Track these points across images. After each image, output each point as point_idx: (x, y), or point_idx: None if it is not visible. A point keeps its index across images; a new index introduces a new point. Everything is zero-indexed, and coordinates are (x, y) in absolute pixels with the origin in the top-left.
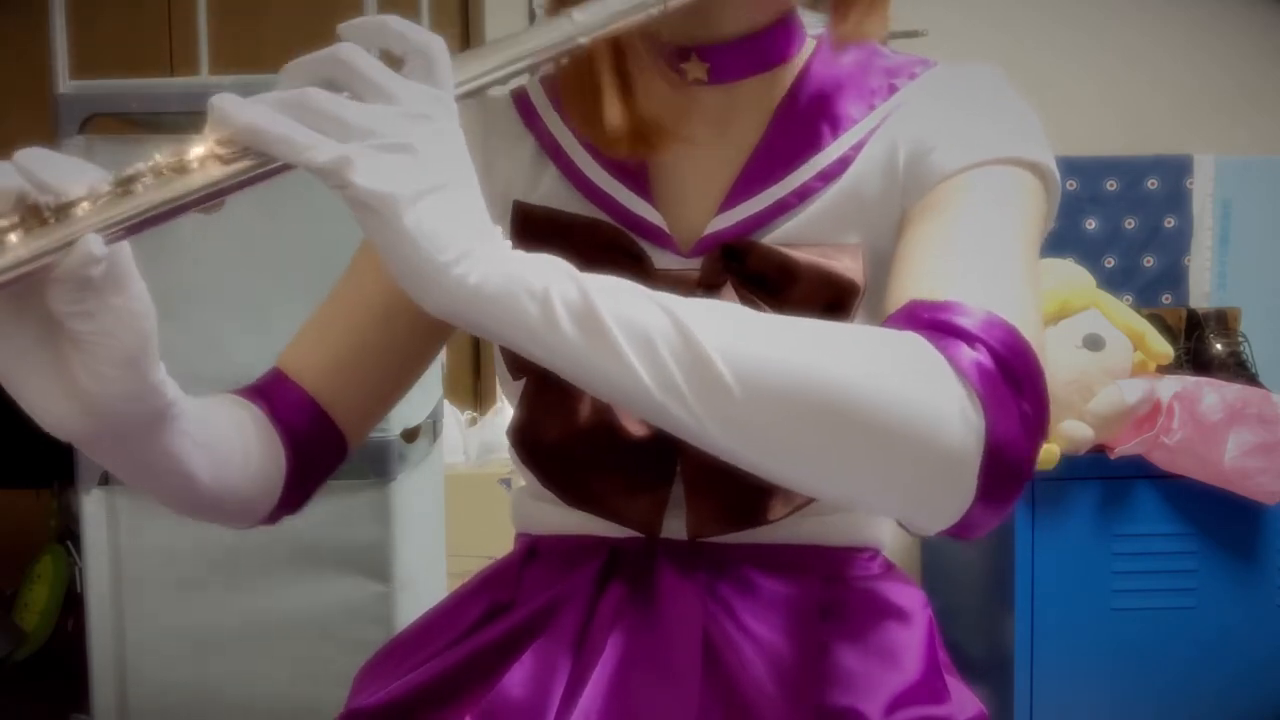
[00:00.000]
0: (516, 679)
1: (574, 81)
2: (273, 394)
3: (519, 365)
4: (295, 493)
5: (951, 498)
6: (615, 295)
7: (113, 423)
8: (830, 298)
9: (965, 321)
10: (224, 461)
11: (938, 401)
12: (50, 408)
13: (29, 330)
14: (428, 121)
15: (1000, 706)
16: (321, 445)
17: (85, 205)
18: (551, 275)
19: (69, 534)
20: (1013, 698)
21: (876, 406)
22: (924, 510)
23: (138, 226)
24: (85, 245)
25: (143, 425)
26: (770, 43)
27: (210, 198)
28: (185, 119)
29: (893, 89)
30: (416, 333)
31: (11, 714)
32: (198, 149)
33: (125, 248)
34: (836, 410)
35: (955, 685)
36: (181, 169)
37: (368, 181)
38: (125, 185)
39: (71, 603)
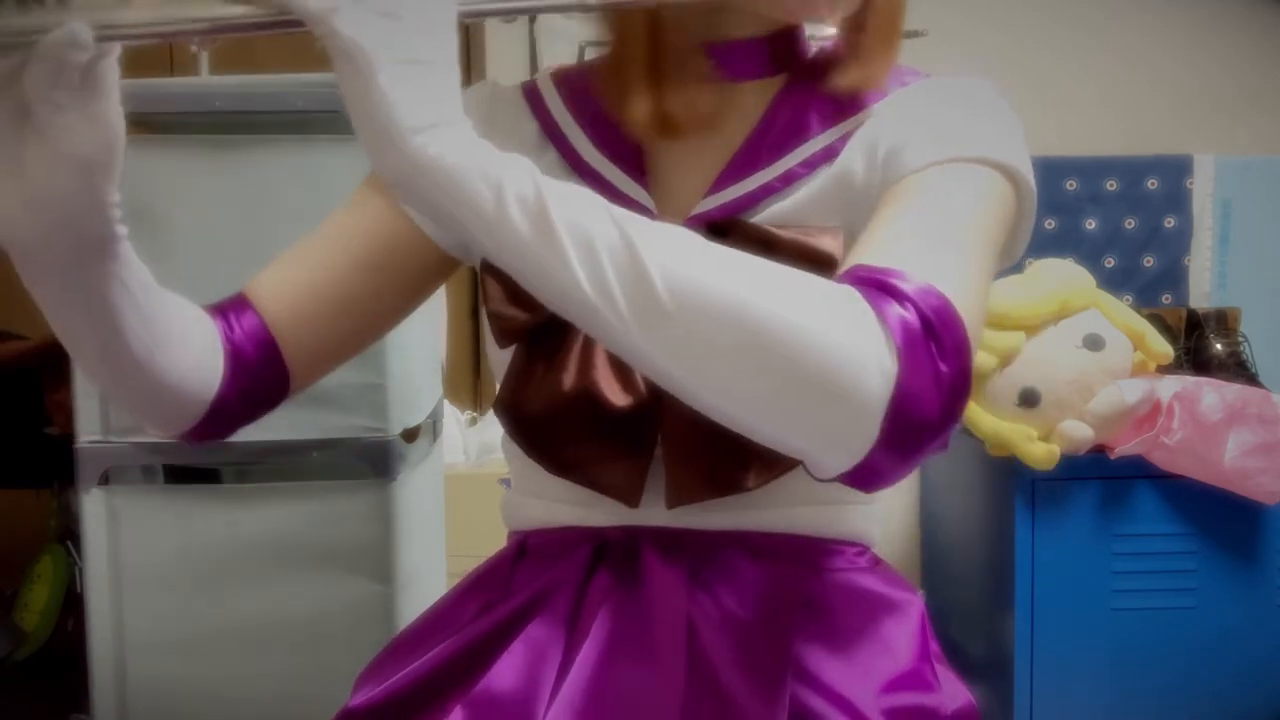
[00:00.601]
0: (506, 669)
1: (612, 69)
2: (230, 315)
3: (507, 332)
4: (225, 415)
5: (851, 439)
6: (571, 200)
7: (55, 231)
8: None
9: (900, 283)
10: (159, 340)
11: (856, 346)
12: None
13: None
14: (423, 4)
15: (1000, 706)
16: (265, 377)
17: (85, 1)
18: (510, 167)
19: (69, 534)
20: (1013, 698)
21: (795, 340)
22: (825, 447)
23: (127, 36)
24: (71, 28)
25: (84, 249)
26: (775, 48)
27: (201, 33)
28: (185, 119)
29: (883, 93)
30: (389, 289)
31: (11, 714)
32: None
33: (111, 64)
34: (758, 339)
35: (946, 675)
36: None
37: (351, 31)
38: None
39: (71, 603)
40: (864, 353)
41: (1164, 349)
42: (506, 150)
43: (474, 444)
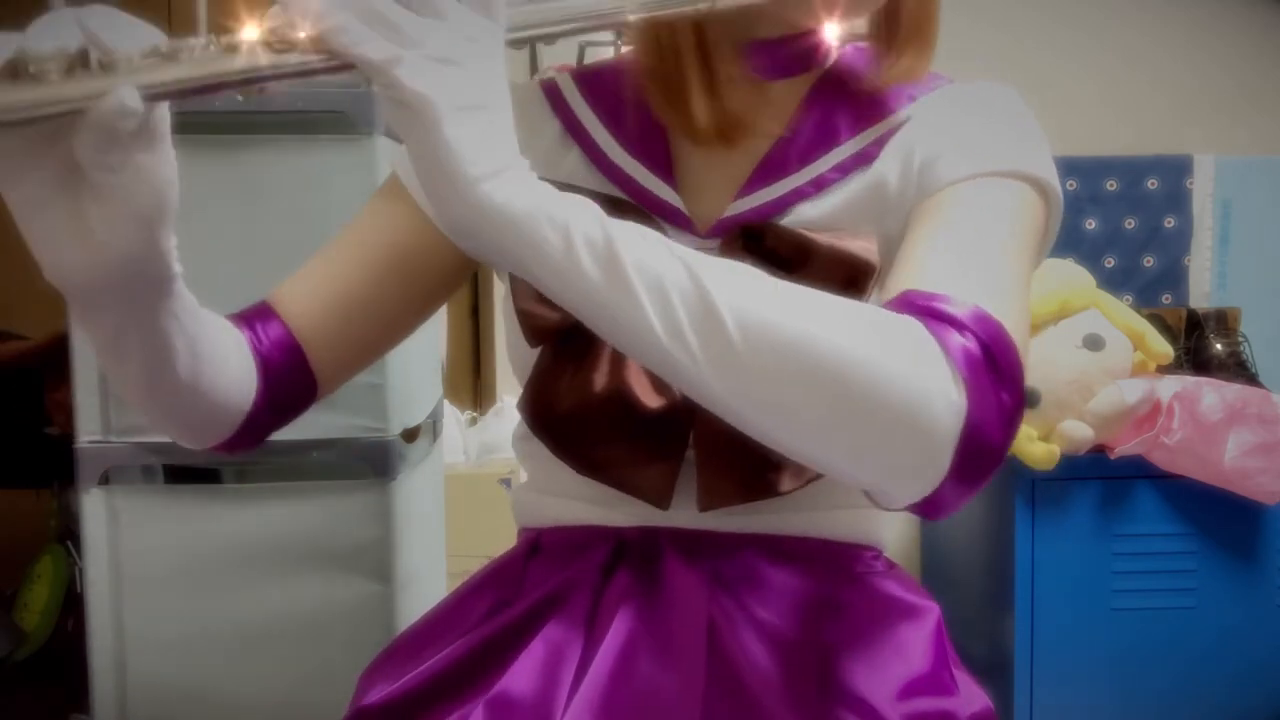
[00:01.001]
0: (525, 668)
1: (660, 75)
2: (256, 324)
3: (538, 332)
4: (257, 426)
5: (925, 472)
6: (637, 241)
7: (115, 278)
8: (845, 276)
9: (955, 310)
10: (202, 363)
11: (925, 380)
12: (58, 253)
13: (51, 173)
14: (476, 44)
15: (1000, 706)
16: (293, 385)
17: (131, 62)
18: (576, 210)
19: (69, 534)
20: (1013, 698)
21: (868, 378)
22: (897, 481)
23: (176, 93)
24: (119, 95)
25: (141, 289)
26: (803, 47)
27: (251, 82)
28: (185, 118)
29: (912, 98)
30: (409, 295)
31: (11, 714)
32: (251, 33)
33: (163, 114)
34: (830, 377)
35: (963, 679)
36: (231, 49)
37: (414, 83)
38: (174, 53)
39: (71, 603)
40: (932, 386)
41: (1164, 349)
42: (529, 150)
43: (474, 444)
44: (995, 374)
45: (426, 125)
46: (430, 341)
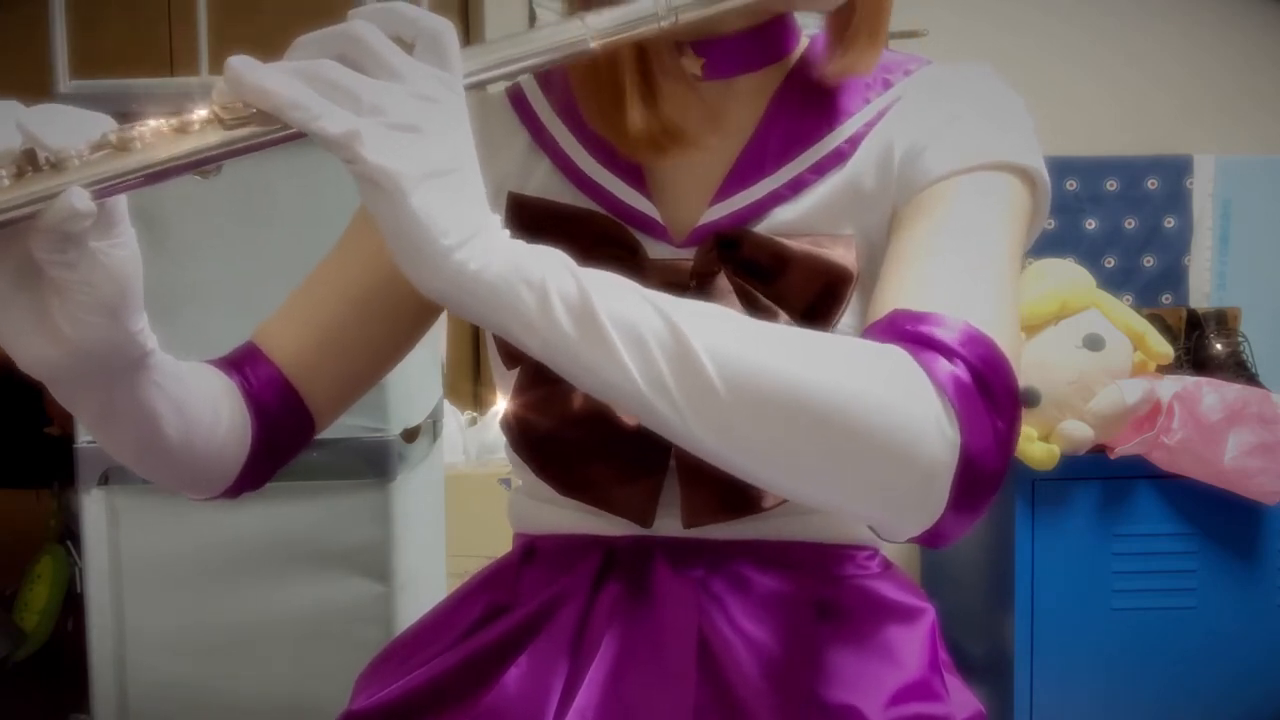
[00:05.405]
0: (514, 680)
1: (593, 82)
2: (245, 367)
3: (513, 355)
4: (258, 468)
5: (924, 507)
6: (611, 292)
7: (88, 366)
8: (824, 286)
9: (944, 334)
10: (193, 422)
11: (915, 415)
12: (27, 346)
13: (10, 271)
14: (436, 104)
15: (1000, 706)
16: (289, 424)
17: (81, 158)
18: (550, 267)
19: (69, 534)
20: (1013, 698)
21: (856, 417)
22: (897, 517)
23: (130, 184)
24: (68, 199)
25: (117, 371)
26: (766, 40)
27: (206, 162)
28: None
29: (888, 84)
30: (395, 323)
31: (11, 714)
32: (201, 112)
33: (119, 200)
34: (818, 418)
35: (955, 684)
36: (183, 129)
37: (377, 157)
38: (124, 142)
39: (71, 603)
40: (924, 421)
41: (1164, 349)
42: (499, 163)
43: (474, 444)
44: (988, 399)
45: (393, 199)
46: (430, 341)
